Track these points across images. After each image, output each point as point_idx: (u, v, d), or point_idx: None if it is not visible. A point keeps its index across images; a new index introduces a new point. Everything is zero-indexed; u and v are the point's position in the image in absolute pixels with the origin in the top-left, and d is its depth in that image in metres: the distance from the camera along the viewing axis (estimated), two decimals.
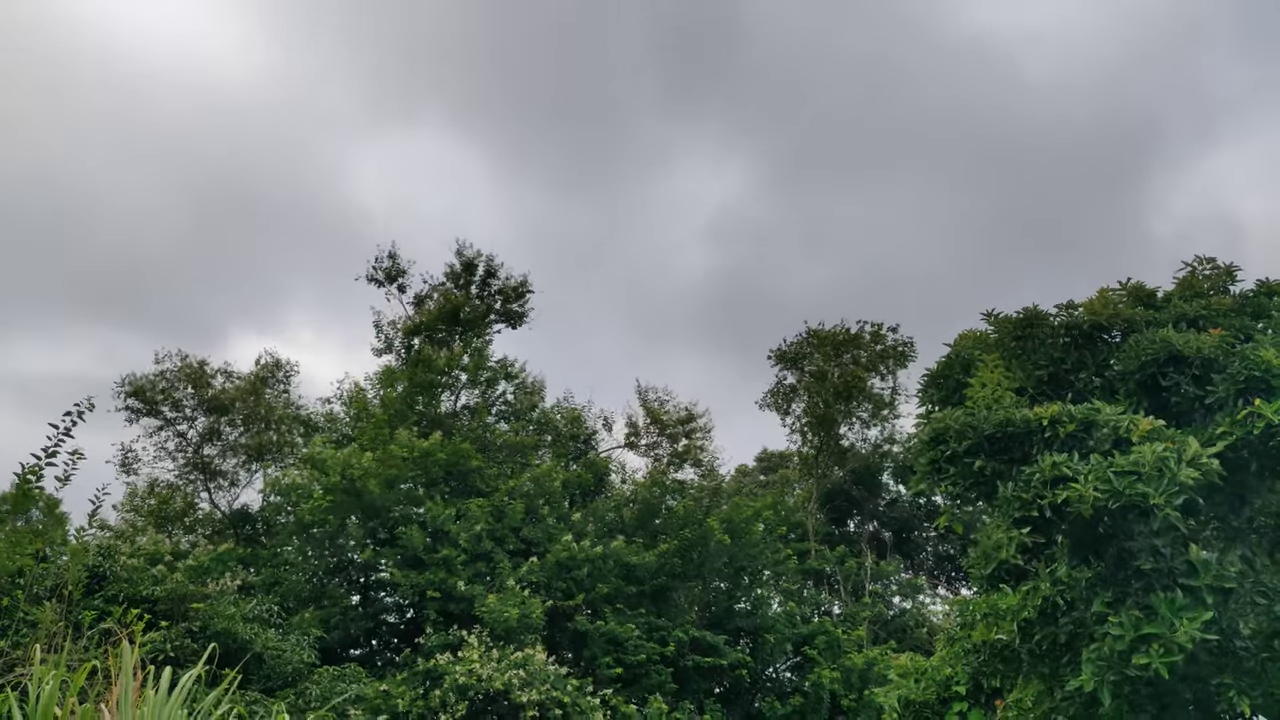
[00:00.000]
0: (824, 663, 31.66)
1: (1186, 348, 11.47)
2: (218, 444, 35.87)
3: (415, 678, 24.52)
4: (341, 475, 28.74)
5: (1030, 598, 11.42)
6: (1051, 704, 11.18)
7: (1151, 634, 9.55)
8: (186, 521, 36.06)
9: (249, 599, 21.80)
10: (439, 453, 30.13)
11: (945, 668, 13.76)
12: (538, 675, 23.81)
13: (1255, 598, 10.61)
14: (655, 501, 33.02)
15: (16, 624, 13.14)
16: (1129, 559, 10.34)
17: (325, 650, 25.70)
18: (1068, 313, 13.22)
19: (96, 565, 19.00)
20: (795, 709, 30.88)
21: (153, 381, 34.44)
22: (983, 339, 13.47)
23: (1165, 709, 10.34)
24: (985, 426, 10.91)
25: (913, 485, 12.42)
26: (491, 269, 37.47)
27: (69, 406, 13.12)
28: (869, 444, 42.30)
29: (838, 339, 40.01)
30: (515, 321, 37.63)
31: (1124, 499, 9.60)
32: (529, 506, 30.18)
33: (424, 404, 34.94)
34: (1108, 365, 12.89)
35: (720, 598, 32.50)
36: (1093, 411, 10.66)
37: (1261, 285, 13.19)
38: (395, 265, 37.14)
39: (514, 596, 26.16)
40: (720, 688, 32.48)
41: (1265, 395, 10.68)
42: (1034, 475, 10.14)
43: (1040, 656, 11.45)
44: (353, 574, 31.44)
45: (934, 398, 13.65)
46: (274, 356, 37.26)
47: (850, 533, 43.16)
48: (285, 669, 19.97)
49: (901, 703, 13.45)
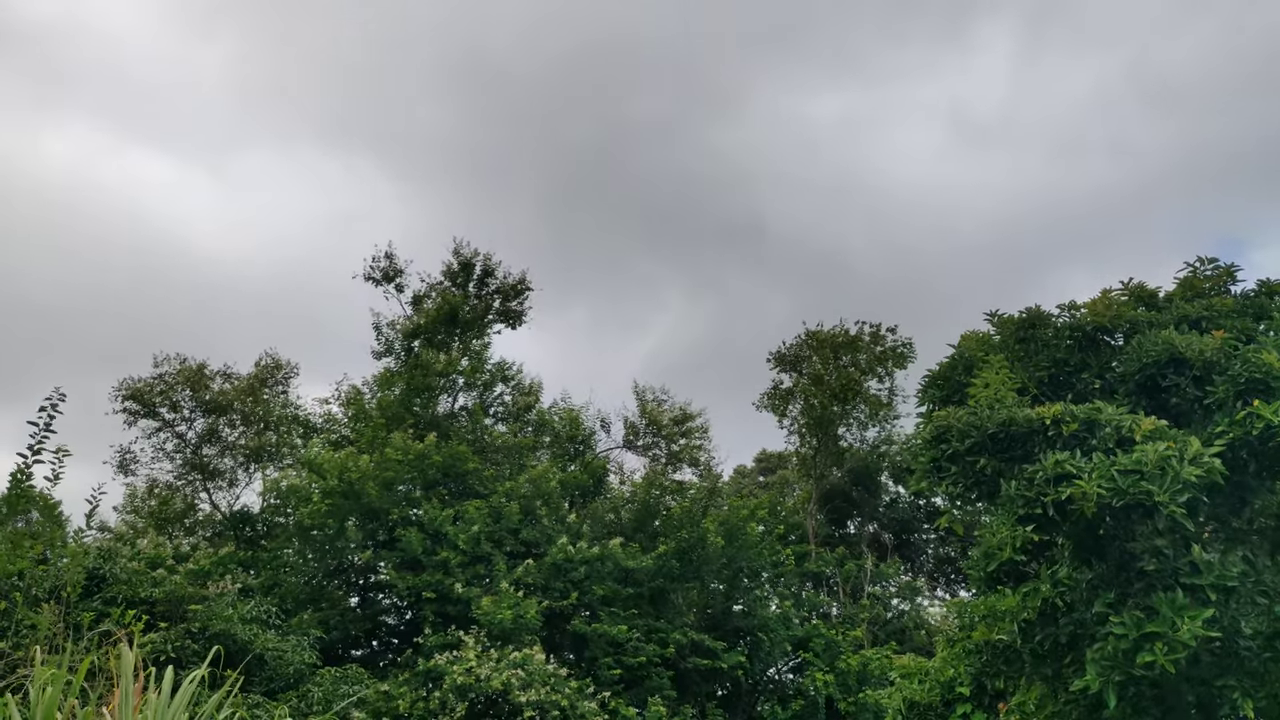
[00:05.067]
0: (820, 664, 31.60)
1: (1189, 350, 11.49)
2: (216, 444, 35.74)
3: (416, 679, 24.46)
4: (339, 478, 28.68)
5: (1030, 599, 11.42)
6: (1055, 706, 11.17)
7: (1154, 633, 9.55)
8: (187, 523, 35.92)
9: (247, 600, 21.73)
10: (434, 455, 30.05)
11: (947, 669, 13.76)
12: (537, 675, 23.76)
13: (1257, 598, 10.62)
14: (653, 503, 32.95)
15: (16, 626, 13.09)
16: (1131, 560, 10.33)
17: (325, 650, 25.63)
18: (1070, 313, 13.24)
19: (96, 567, 18.90)
20: (796, 713, 30.80)
21: (150, 384, 34.32)
22: (985, 340, 13.48)
23: (1169, 711, 10.34)
24: (988, 425, 10.91)
25: (913, 484, 12.40)
26: (489, 268, 37.33)
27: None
28: (867, 445, 42.19)
29: (837, 341, 39.88)
30: (514, 321, 37.48)
31: (1128, 497, 9.60)
32: (526, 508, 30.10)
33: (420, 405, 34.82)
34: (1109, 367, 12.90)
35: (718, 600, 32.42)
36: (1095, 411, 10.66)
37: (1263, 285, 13.23)
38: (392, 265, 37.01)
39: (508, 598, 26.12)
40: (721, 690, 32.42)
41: (1265, 396, 10.70)
42: (1037, 474, 10.14)
43: (1042, 657, 11.44)
44: (352, 575, 31.37)
45: (934, 396, 13.66)
46: (274, 357, 37.14)
47: (850, 535, 43.05)
48: (287, 670, 19.89)
49: (906, 704, 13.44)
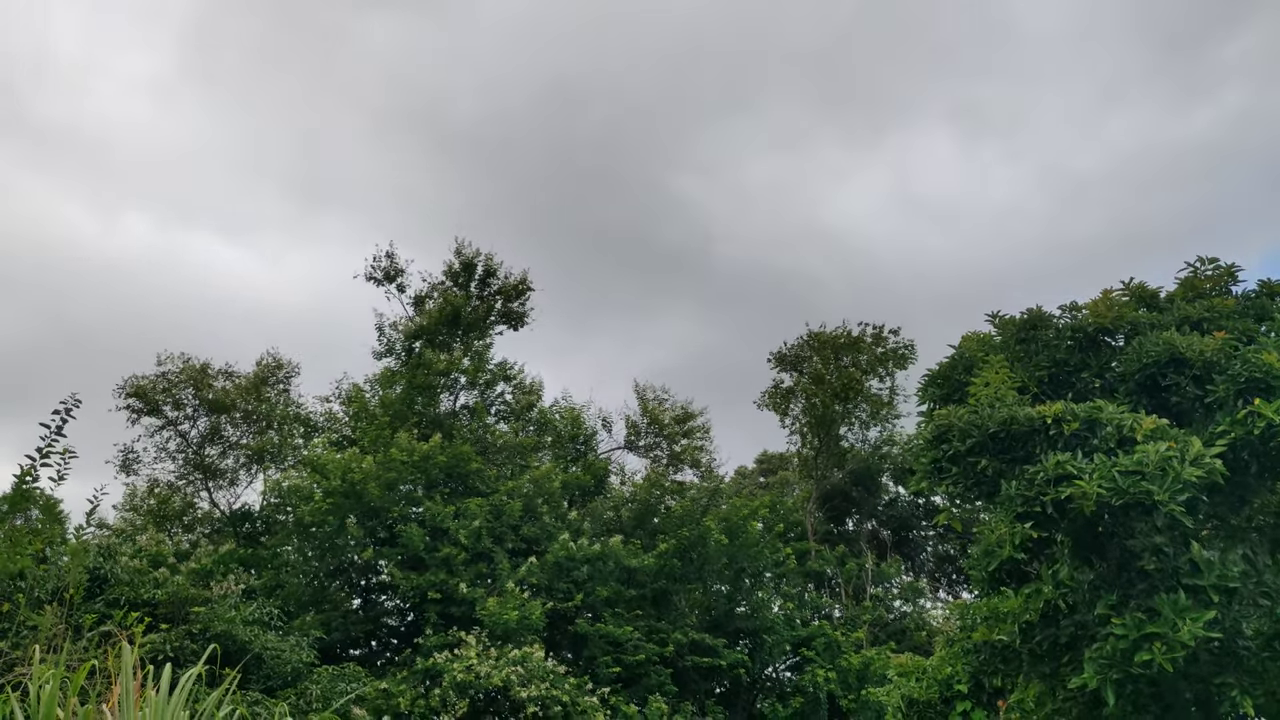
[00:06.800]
0: (822, 663, 31.61)
1: (1189, 350, 11.48)
2: (219, 443, 35.75)
3: (415, 676, 24.47)
4: (342, 479, 28.69)
5: (1032, 600, 11.41)
6: (1054, 704, 11.17)
7: (1154, 633, 9.54)
8: (185, 521, 35.94)
9: (250, 603, 21.72)
10: (439, 455, 30.07)
11: (945, 667, 13.76)
12: (536, 672, 23.78)
13: (1258, 598, 10.62)
14: (654, 502, 32.95)
15: (17, 626, 13.09)
16: (1131, 559, 10.32)
17: (324, 650, 25.62)
18: (1071, 314, 13.23)
19: (97, 566, 18.89)
20: (796, 710, 30.82)
21: (153, 382, 34.34)
22: (986, 340, 13.48)
23: (1168, 709, 10.34)
24: (989, 424, 10.89)
25: (913, 484, 12.39)
26: (491, 268, 37.29)
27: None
28: (868, 445, 42.17)
29: (838, 342, 39.86)
30: (516, 322, 37.44)
31: (1128, 497, 9.59)
32: (528, 505, 30.14)
33: (423, 404, 34.80)
34: (1109, 367, 12.90)
35: (720, 600, 32.42)
36: (1096, 410, 10.64)
37: (1263, 285, 13.22)
38: (393, 265, 36.99)
39: (514, 599, 26.12)
40: (720, 688, 32.43)
41: (1266, 396, 10.69)
42: (1037, 474, 10.13)
43: (1040, 657, 11.43)
44: (353, 575, 31.34)
45: (934, 396, 13.66)
46: (275, 356, 37.16)
47: (849, 532, 43.02)
48: (285, 669, 19.89)
49: (905, 701, 13.44)
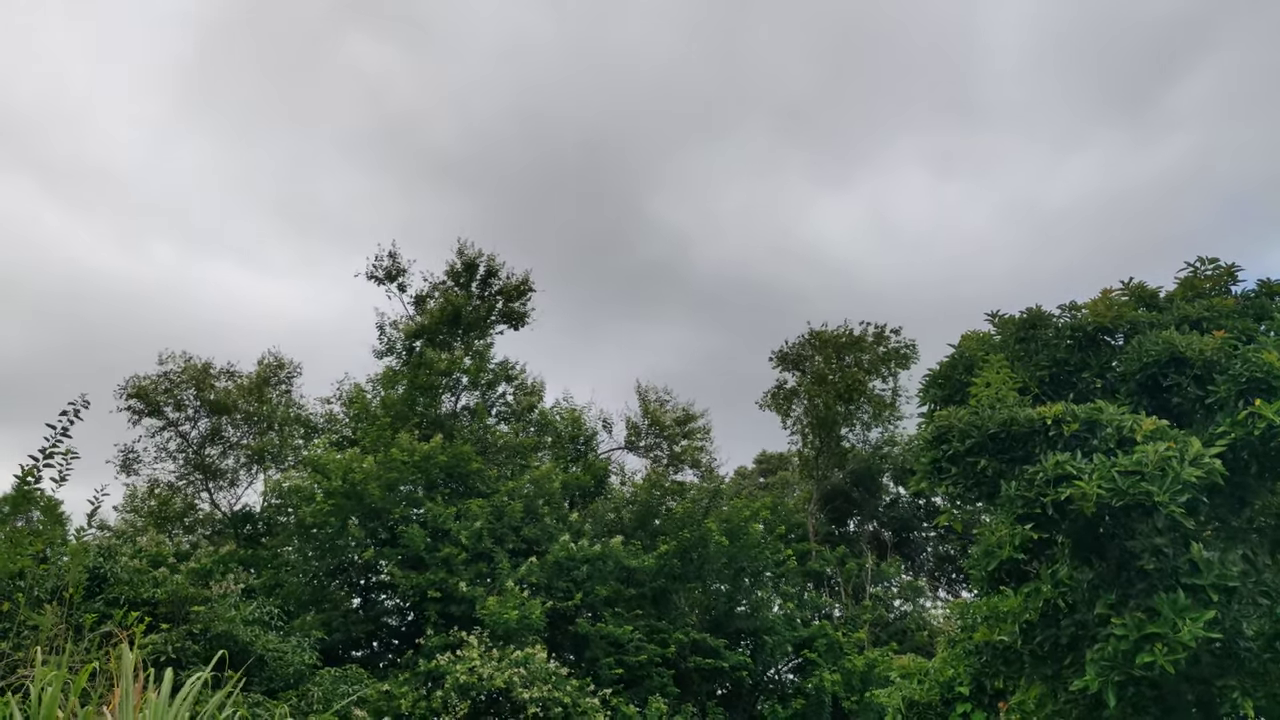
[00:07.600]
0: (824, 664, 31.59)
1: (1189, 349, 11.48)
2: (219, 444, 35.78)
3: (417, 678, 24.49)
4: (343, 479, 28.71)
5: (1032, 600, 11.41)
6: (1055, 706, 11.16)
7: (1155, 634, 9.54)
8: (186, 522, 35.96)
9: (250, 602, 21.73)
10: (440, 455, 30.10)
11: (947, 669, 13.75)
12: (538, 673, 23.80)
13: (1258, 599, 10.61)
14: (654, 503, 32.97)
15: (18, 627, 13.09)
16: (1131, 560, 10.32)
17: (326, 651, 25.62)
18: (1071, 314, 13.23)
19: (97, 566, 18.89)
20: (797, 711, 30.80)
21: (155, 382, 34.36)
22: (986, 340, 13.47)
23: (1169, 711, 10.33)
24: (989, 425, 10.90)
25: (913, 485, 12.40)
26: (493, 268, 37.32)
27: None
28: (870, 445, 42.14)
29: (840, 341, 39.86)
30: (517, 322, 37.47)
31: (1128, 497, 9.59)
32: (528, 506, 30.17)
33: (424, 405, 34.83)
34: (1110, 367, 12.89)
35: (720, 601, 32.43)
36: (1096, 411, 10.64)
37: (1263, 285, 13.21)
38: (395, 264, 37.02)
39: (514, 598, 26.14)
40: (722, 690, 32.42)
41: (1266, 396, 10.68)
42: (1037, 474, 10.13)
43: (1042, 658, 11.43)
44: (353, 575, 31.36)
45: (935, 396, 13.66)
46: (276, 356, 37.21)
47: (850, 533, 43.03)
48: (286, 671, 19.90)
49: (905, 703, 13.44)
